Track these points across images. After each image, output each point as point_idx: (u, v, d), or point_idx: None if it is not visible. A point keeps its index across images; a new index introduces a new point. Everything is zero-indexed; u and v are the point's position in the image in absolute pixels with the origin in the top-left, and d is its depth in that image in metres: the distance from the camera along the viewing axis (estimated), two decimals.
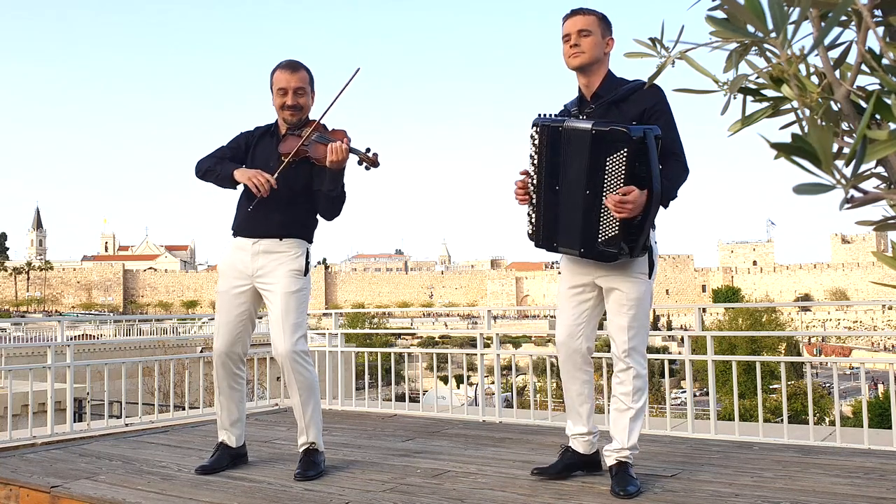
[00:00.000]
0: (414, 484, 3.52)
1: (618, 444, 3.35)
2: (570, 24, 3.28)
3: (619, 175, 3.07)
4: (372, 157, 3.69)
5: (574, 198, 3.20)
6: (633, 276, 3.29)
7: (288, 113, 3.75)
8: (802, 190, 0.89)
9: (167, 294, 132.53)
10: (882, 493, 3.21)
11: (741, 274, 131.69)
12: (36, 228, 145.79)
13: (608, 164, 3.08)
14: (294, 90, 3.72)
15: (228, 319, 3.83)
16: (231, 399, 3.94)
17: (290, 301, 3.70)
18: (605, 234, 3.14)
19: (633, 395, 3.33)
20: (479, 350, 6.01)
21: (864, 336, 23.20)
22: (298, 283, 3.75)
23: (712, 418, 4.76)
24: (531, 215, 3.38)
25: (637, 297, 3.29)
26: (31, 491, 3.65)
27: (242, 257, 3.79)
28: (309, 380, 3.73)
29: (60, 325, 5.97)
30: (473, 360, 6.30)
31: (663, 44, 1.20)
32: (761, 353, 42.06)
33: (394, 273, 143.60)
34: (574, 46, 3.25)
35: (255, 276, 3.77)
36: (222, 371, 3.89)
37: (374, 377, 24.41)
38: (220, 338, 3.85)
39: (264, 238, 3.76)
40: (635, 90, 3.24)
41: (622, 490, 3.22)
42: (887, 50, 0.98)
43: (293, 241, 3.78)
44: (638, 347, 3.33)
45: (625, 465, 3.33)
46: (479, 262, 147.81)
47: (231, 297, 3.82)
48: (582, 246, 3.20)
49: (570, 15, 3.30)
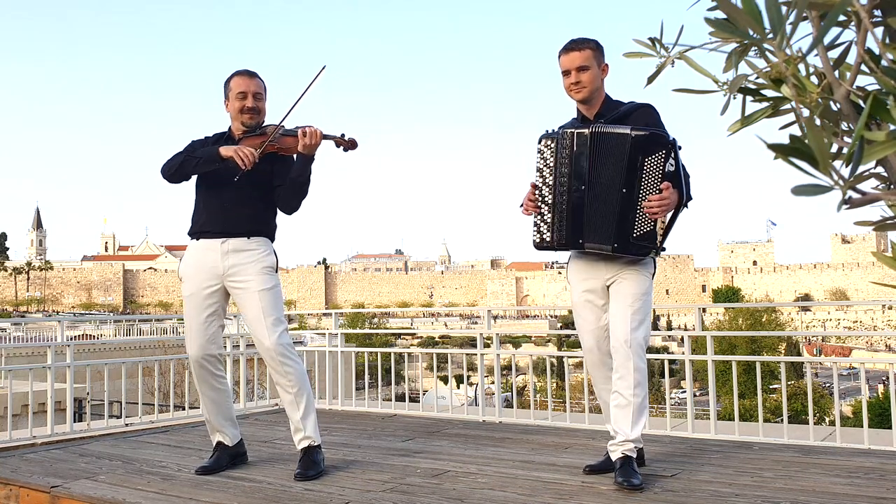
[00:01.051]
0: (414, 484, 3.52)
1: (622, 437, 3.40)
2: (567, 60, 3.47)
3: (656, 174, 3.32)
4: (349, 140, 3.81)
5: (607, 197, 3.39)
6: (640, 275, 3.47)
7: (247, 116, 3.83)
8: (801, 191, 0.89)
9: (167, 294, 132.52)
10: (882, 493, 3.21)
11: (741, 274, 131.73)
12: (36, 228, 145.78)
13: (646, 164, 3.32)
14: (253, 94, 3.84)
15: (200, 321, 3.83)
16: (216, 400, 3.93)
17: (266, 298, 3.74)
18: (640, 229, 3.35)
19: (633, 388, 3.38)
20: (479, 350, 6.01)
21: (864, 336, 23.22)
22: (272, 279, 3.81)
23: (712, 418, 4.76)
24: (542, 223, 3.51)
25: (643, 293, 3.46)
26: (31, 491, 3.65)
27: (210, 257, 3.81)
28: (299, 371, 3.76)
29: (60, 325, 5.97)
30: (473, 360, 6.30)
31: (663, 44, 1.20)
32: (761, 353, 42.05)
33: (394, 273, 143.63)
34: (576, 83, 3.46)
35: (226, 276, 3.79)
36: (202, 374, 3.88)
37: (373, 377, 24.42)
38: (193, 342, 3.84)
39: (232, 237, 3.79)
40: (634, 110, 3.47)
41: (626, 481, 3.28)
42: (885, 51, 0.98)
43: (261, 240, 3.84)
44: (640, 340, 3.41)
45: (630, 458, 3.39)
46: (479, 262, 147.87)
47: (202, 299, 3.82)
48: (616, 241, 3.37)
49: (567, 51, 3.49)
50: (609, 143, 3.38)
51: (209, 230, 3.84)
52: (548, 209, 3.50)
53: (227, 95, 3.89)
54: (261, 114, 3.86)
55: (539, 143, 3.52)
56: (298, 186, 3.79)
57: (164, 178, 3.84)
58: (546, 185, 3.50)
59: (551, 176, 3.49)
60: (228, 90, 3.87)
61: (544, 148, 3.50)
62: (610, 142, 3.38)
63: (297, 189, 3.79)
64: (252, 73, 3.89)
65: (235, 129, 3.90)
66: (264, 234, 3.87)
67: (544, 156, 3.51)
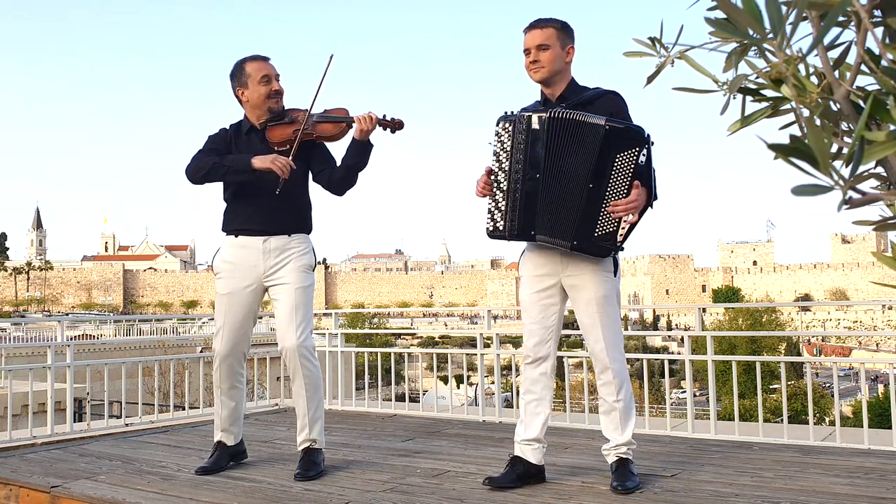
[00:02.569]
0: (414, 484, 3.52)
1: (613, 442, 3.36)
2: (529, 38, 3.29)
3: (627, 172, 3.11)
4: (395, 121, 3.69)
5: (570, 190, 3.18)
6: (600, 274, 3.29)
7: (274, 101, 3.73)
8: (801, 191, 0.89)
9: (167, 294, 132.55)
10: (882, 493, 3.21)
11: (741, 274, 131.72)
12: (36, 228, 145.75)
13: (618, 160, 3.11)
14: (276, 76, 3.75)
15: (234, 321, 3.77)
16: (233, 398, 3.91)
17: (300, 296, 3.68)
18: (603, 229, 3.16)
19: (616, 392, 3.33)
20: (479, 350, 6.01)
21: (864, 336, 23.23)
22: (309, 278, 3.75)
23: (712, 418, 4.76)
24: (497, 210, 3.30)
25: (606, 295, 3.29)
26: (31, 491, 3.65)
27: (249, 256, 3.72)
28: (315, 376, 3.73)
29: (60, 325, 5.97)
30: (473, 360, 6.30)
31: (663, 43, 1.20)
32: (761, 353, 42.04)
33: (394, 273, 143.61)
34: (534, 62, 3.27)
35: (266, 275, 3.72)
36: (226, 372, 3.84)
37: (374, 377, 24.40)
38: (224, 340, 3.79)
39: (273, 235, 3.71)
40: (600, 96, 3.29)
41: (621, 485, 3.25)
42: (885, 51, 0.98)
43: (301, 237, 3.78)
44: (615, 344, 3.32)
45: (625, 461, 3.35)
46: (479, 262, 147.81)
47: (240, 299, 3.75)
48: (575, 238, 3.18)
49: (529, 28, 3.31)
50: (575, 130, 3.16)
51: (249, 227, 3.73)
52: (502, 196, 3.28)
53: (242, 83, 3.74)
54: (283, 97, 3.77)
55: (497, 125, 3.30)
56: (356, 173, 3.71)
57: (188, 179, 3.72)
58: (502, 171, 3.28)
59: (507, 161, 3.26)
60: (244, 76, 3.73)
61: (502, 131, 3.27)
62: (576, 130, 3.15)
63: (353, 175, 3.72)
64: (267, 57, 3.79)
65: (256, 117, 3.77)
66: (304, 230, 3.80)
67: (501, 139, 3.28)
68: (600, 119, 3.12)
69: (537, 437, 3.41)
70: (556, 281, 3.36)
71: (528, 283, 3.43)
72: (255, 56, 3.78)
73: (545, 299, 3.38)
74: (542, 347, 3.39)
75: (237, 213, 3.78)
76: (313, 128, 3.69)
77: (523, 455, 3.42)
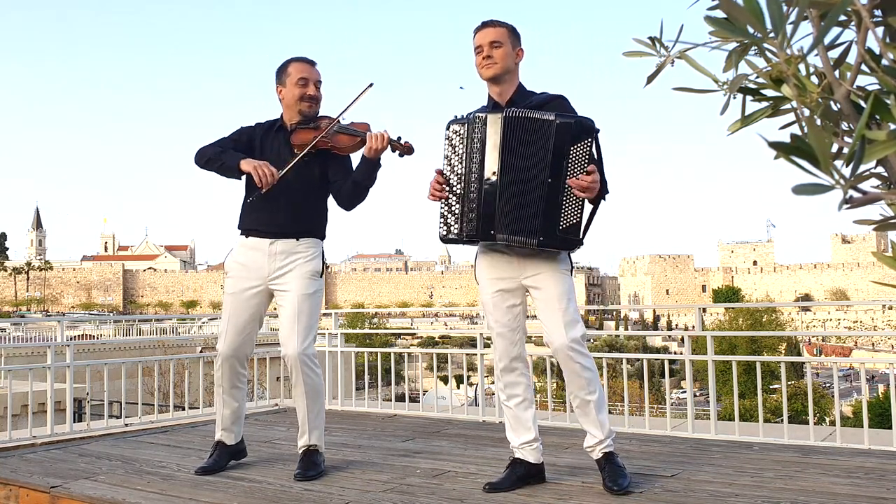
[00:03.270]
0: (414, 484, 3.52)
1: (594, 438, 3.36)
2: (481, 36, 3.35)
3: (582, 163, 3.16)
4: (406, 145, 3.69)
5: (529, 188, 3.20)
6: (558, 272, 3.32)
7: (307, 105, 3.74)
8: (801, 190, 0.89)
9: (167, 294, 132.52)
10: (882, 493, 3.21)
11: (741, 274, 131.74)
12: (36, 228, 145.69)
13: (572, 152, 3.16)
14: (315, 82, 3.76)
15: (238, 322, 3.77)
16: (234, 398, 3.91)
17: (304, 303, 3.65)
18: (566, 221, 3.19)
19: (587, 385, 3.31)
20: (479, 350, 6.01)
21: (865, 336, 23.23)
22: (314, 285, 3.71)
23: (712, 418, 4.76)
24: (450, 214, 3.31)
25: (566, 291, 3.31)
26: (30, 491, 3.65)
27: (257, 258, 3.72)
28: (316, 384, 3.71)
29: (60, 325, 5.97)
30: (473, 360, 6.30)
31: (663, 43, 1.20)
32: (761, 353, 42.05)
33: (394, 273, 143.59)
34: (487, 58, 3.32)
35: (271, 278, 3.71)
36: (228, 372, 3.84)
37: (374, 377, 24.40)
38: (227, 341, 3.78)
39: (281, 238, 3.71)
40: (548, 101, 3.33)
41: (615, 485, 3.25)
42: (886, 51, 0.97)
43: (310, 241, 3.75)
44: (579, 339, 3.30)
45: (610, 455, 3.35)
46: None
47: (244, 300, 3.75)
48: (542, 234, 3.19)
49: (481, 27, 3.37)
50: (529, 129, 3.19)
51: (258, 228, 3.74)
52: (456, 200, 3.28)
53: (282, 81, 3.78)
54: (319, 103, 3.78)
55: (447, 129, 3.32)
56: (363, 189, 3.71)
57: (195, 163, 3.76)
58: (454, 174, 3.29)
59: (461, 164, 3.28)
60: (286, 76, 3.77)
61: (453, 134, 3.30)
62: (530, 128, 3.19)
63: (361, 191, 3.72)
64: (313, 62, 3.80)
65: (289, 118, 3.80)
66: (314, 235, 3.77)
67: (452, 142, 3.30)
68: (549, 115, 3.18)
69: (535, 437, 3.43)
70: (517, 283, 3.37)
71: (487, 285, 3.41)
72: (300, 58, 3.80)
73: (508, 300, 3.39)
74: (514, 349, 3.41)
75: (248, 212, 3.79)
76: (332, 137, 3.71)
77: (523, 457, 3.42)
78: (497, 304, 3.39)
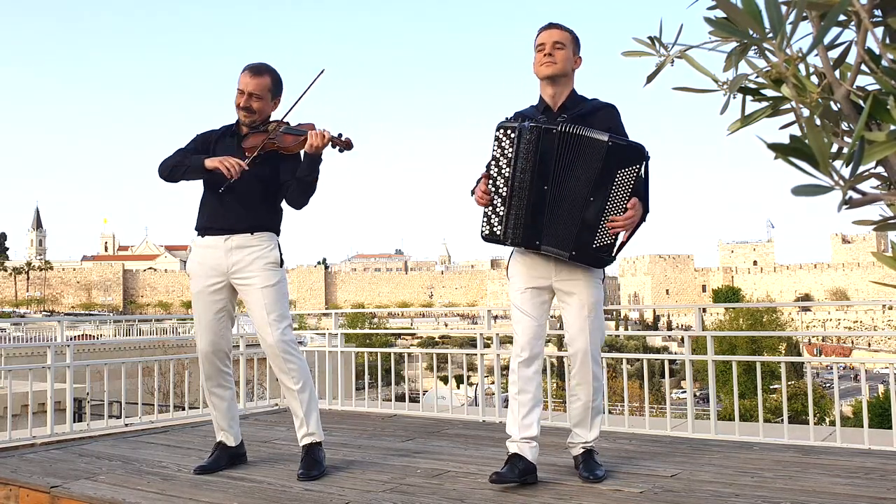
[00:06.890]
0: (414, 484, 3.52)
1: (581, 437, 3.53)
2: (545, 34, 3.43)
3: (626, 188, 3.25)
4: (345, 141, 3.79)
5: (572, 202, 3.30)
6: (593, 281, 3.43)
7: (242, 113, 3.81)
8: (801, 191, 0.89)
9: (167, 294, 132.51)
10: (882, 493, 3.21)
11: (741, 274, 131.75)
12: (36, 228, 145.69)
13: (618, 176, 3.24)
14: (249, 94, 3.78)
15: (208, 319, 3.84)
16: (223, 398, 3.96)
17: (270, 294, 3.73)
18: (600, 241, 3.29)
19: (595, 394, 3.48)
20: (479, 350, 6.01)
21: (865, 336, 23.21)
22: (277, 275, 3.78)
23: (712, 418, 4.76)
24: (494, 215, 3.38)
25: (597, 302, 3.43)
26: (30, 491, 3.65)
27: (214, 255, 3.80)
28: (302, 367, 3.77)
29: (60, 325, 5.97)
30: (473, 360, 6.30)
31: (662, 43, 1.20)
32: (761, 353, 42.05)
33: (394, 273, 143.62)
34: (548, 56, 3.39)
35: (231, 273, 3.78)
36: (210, 370, 3.91)
37: (373, 377, 24.41)
38: (202, 338, 3.86)
39: (235, 234, 3.78)
40: (599, 109, 3.42)
41: (591, 474, 3.45)
42: (885, 51, 0.97)
43: (264, 234, 3.81)
44: (598, 350, 3.45)
45: (590, 451, 3.55)
46: (479, 262, 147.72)
47: (207, 296, 3.83)
48: (574, 249, 3.30)
49: (547, 27, 3.45)
50: (580, 146, 3.27)
51: (213, 226, 3.82)
52: (501, 202, 3.35)
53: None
54: (257, 114, 3.80)
55: (497, 130, 3.36)
56: (306, 185, 3.77)
57: (159, 176, 3.83)
58: (502, 177, 3.34)
59: (508, 168, 3.32)
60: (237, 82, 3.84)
61: (504, 137, 3.34)
62: (581, 145, 3.27)
63: (305, 187, 3.78)
64: (259, 71, 3.80)
65: (241, 123, 3.87)
66: (268, 229, 3.84)
67: (503, 145, 3.34)
68: (603, 135, 3.25)
69: (536, 436, 3.46)
70: (548, 283, 3.46)
71: (521, 280, 3.49)
72: (249, 66, 3.84)
73: (539, 297, 3.47)
74: (538, 344, 3.47)
75: (204, 212, 3.88)
76: (279, 138, 3.79)
77: (521, 452, 3.45)
78: (528, 298, 3.47)
